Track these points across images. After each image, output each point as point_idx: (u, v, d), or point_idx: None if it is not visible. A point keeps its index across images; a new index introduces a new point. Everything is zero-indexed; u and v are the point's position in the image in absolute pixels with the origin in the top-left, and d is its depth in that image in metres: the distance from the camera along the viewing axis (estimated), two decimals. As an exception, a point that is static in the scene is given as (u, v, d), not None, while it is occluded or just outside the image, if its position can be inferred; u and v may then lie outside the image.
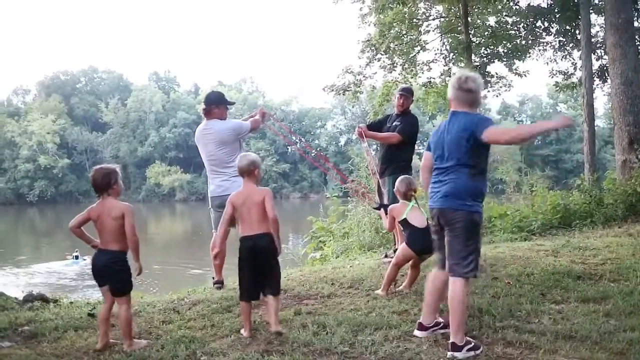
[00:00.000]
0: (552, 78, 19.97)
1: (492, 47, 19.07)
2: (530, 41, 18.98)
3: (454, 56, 19.53)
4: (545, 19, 18.29)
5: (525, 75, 19.81)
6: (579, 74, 17.62)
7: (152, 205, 65.13)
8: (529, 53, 19.25)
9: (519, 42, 18.92)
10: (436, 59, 19.88)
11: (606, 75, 15.69)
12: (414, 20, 18.69)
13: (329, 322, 4.05)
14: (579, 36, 15.81)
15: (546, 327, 3.86)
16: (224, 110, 5.68)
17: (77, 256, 18.90)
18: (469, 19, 17.56)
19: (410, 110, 6.62)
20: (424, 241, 4.40)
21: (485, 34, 19.01)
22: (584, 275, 5.38)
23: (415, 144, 6.61)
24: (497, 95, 20.73)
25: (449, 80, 3.94)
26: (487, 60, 19.30)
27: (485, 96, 21.34)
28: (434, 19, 19.64)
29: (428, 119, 57.80)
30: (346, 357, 3.47)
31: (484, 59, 19.29)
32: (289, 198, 71.10)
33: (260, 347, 3.65)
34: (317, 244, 10.67)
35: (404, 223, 4.89)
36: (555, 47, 19.04)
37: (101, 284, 3.74)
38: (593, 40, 16.03)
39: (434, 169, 3.74)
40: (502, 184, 12.28)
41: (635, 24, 13.88)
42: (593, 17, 16.04)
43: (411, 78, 19.62)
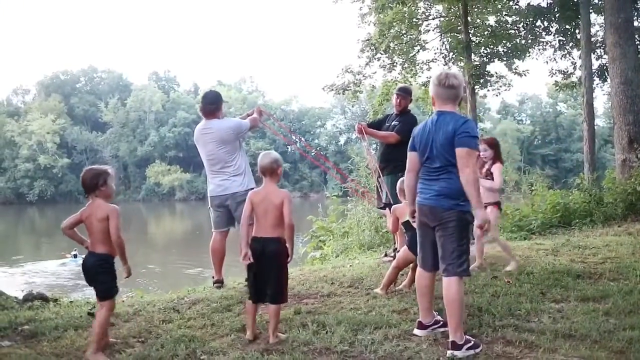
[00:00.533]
0: (552, 77, 20.03)
1: (492, 47, 19.10)
2: (530, 40, 18.99)
3: (454, 56, 19.54)
4: (545, 19, 18.29)
5: (525, 74, 19.85)
6: (578, 73, 17.65)
7: (152, 205, 65.16)
8: (529, 52, 19.27)
9: (518, 42, 18.94)
10: (436, 59, 19.93)
11: (606, 74, 15.70)
12: (414, 19, 18.71)
13: (329, 321, 4.05)
14: (578, 35, 15.83)
15: (546, 326, 3.86)
16: (222, 110, 5.68)
17: (76, 255, 18.86)
18: (468, 18, 17.58)
19: (409, 110, 6.62)
20: None
21: (485, 33, 19.03)
22: (584, 274, 5.38)
23: None
24: (497, 95, 20.78)
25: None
26: (487, 60, 19.32)
27: (485, 95, 21.37)
28: (433, 19, 19.66)
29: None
30: (346, 356, 3.46)
31: (484, 58, 19.31)
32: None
33: (260, 346, 3.65)
34: (317, 243, 10.68)
35: (407, 225, 4.80)
36: (555, 47, 19.06)
37: (92, 286, 3.67)
38: (593, 39, 16.03)
39: (423, 168, 3.69)
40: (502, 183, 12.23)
41: (635, 24, 13.89)
42: (593, 17, 16.05)
43: (411, 77, 19.64)
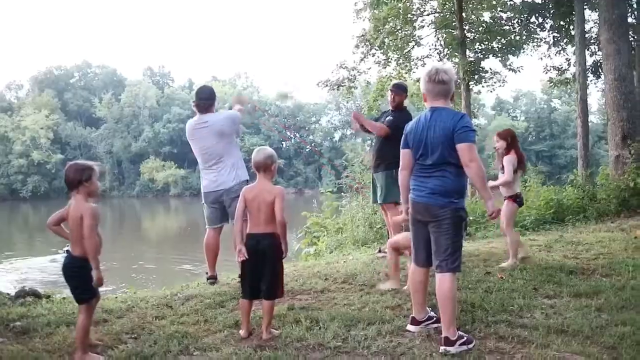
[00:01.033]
0: (546, 74, 20.06)
1: (487, 43, 19.10)
2: (524, 37, 19.01)
3: (449, 52, 19.54)
4: (540, 15, 18.31)
5: (519, 70, 19.87)
6: (572, 69, 17.67)
7: (147, 201, 65.00)
8: (523, 49, 19.29)
9: (513, 38, 18.94)
10: (431, 55, 19.91)
11: (600, 71, 15.75)
12: (409, 15, 18.67)
13: (322, 317, 4.05)
14: (573, 32, 15.86)
15: (538, 322, 3.88)
16: (214, 105, 5.70)
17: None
18: (463, 14, 17.55)
19: (405, 106, 6.61)
20: None
21: (480, 29, 19.03)
22: (577, 270, 5.40)
23: None
24: (492, 91, 20.82)
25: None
26: (482, 56, 19.31)
27: (479, 91, 21.37)
28: (428, 15, 19.63)
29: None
30: (339, 352, 3.47)
31: (479, 54, 19.30)
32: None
33: (253, 342, 3.65)
34: (311, 239, 10.69)
35: None
36: (550, 43, 19.09)
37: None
38: (587, 36, 16.08)
39: (417, 165, 3.67)
40: (496, 179, 12.25)
41: (629, 20, 13.93)
42: (587, 13, 16.10)
43: (405, 73, 19.63)
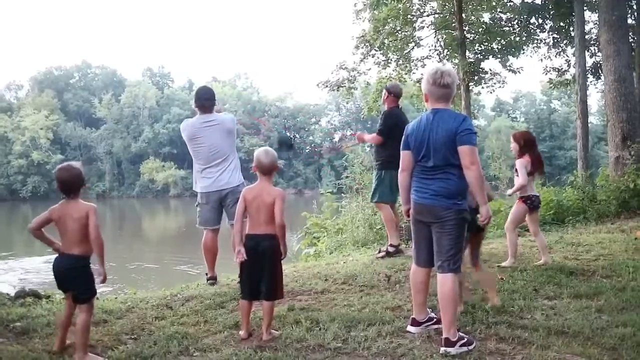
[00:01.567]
0: (546, 75, 20.03)
1: (486, 44, 19.10)
2: (524, 38, 19.00)
3: (448, 52, 19.55)
4: (540, 16, 18.30)
5: (519, 71, 19.86)
6: (572, 70, 17.67)
7: (146, 201, 64.97)
8: (523, 50, 19.27)
9: (513, 39, 18.94)
10: (430, 55, 19.91)
11: (600, 72, 15.74)
12: (408, 16, 18.68)
13: (322, 318, 4.05)
14: (572, 33, 15.84)
15: (539, 323, 3.87)
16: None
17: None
18: (463, 15, 17.56)
19: (395, 106, 6.66)
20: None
21: (480, 30, 19.04)
22: (577, 271, 5.40)
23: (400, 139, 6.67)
24: (491, 92, 20.81)
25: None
26: (481, 57, 19.30)
27: (479, 92, 21.37)
28: (428, 15, 19.65)
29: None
30: (339, 353, 3.46)
31: (478, 55, 19.30)
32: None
33: (253, 343, 3.65)
34: (311, 240, 10.66)
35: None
36: (549, 44, 19.07)
37: (63, 290, 3.56)
38: (587, 37, 16.07)
39: (417, 167, 3.66)
40: (496, 180, 12.27)
41: (629, 21, 13.93)
42: (587, 14, 16.09)
43: (405, 74, 19.63)
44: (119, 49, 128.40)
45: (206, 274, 5.60)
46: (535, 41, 19.27)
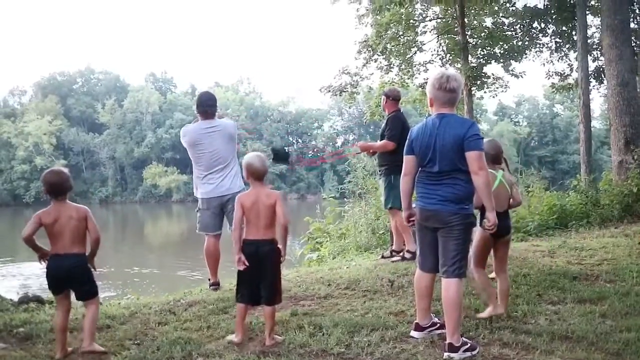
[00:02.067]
0: (549, 79, 20.01)
1: (489, 48, 19.08)
2: (526, 42, 19.00)
3: (451, 57, 19.53)
4: (542, 20, 18.30)
5: (521, 76, 19.84)
6: (575, 75, 17.65)
7: (149, 206, 65.06)
8: (526, 54, 19.26)
9: (515, 43, 18.94)
10: (433, 60, 19.89)
11: (602, 76, 15.71)
12: (411, 21, 18.69)
13: (326, 323, 4.04)
14: (575, 37, 15.82)
15: (542, 328, 3.86)
16: None
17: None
18: (465, 20, 17.56)
19: (396, 110, 6.52)
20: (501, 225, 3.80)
21: (482, 35, 19.02)
22: (580, 276, 5.38)
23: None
24: (494, 96, 20.75)
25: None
26: (484, 61, 19.30)
27: (481, 97, 21.37)
28: (430, 20, 19.64)
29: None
30: (342, 359, 3.46)
31: (481, 60, 19.30)
32: (286, 199, 71.09)
33: (256, 349, 3.64)
34: (314, 245, 10.65)
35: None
36: (552, 48, 19.06)
37: (61, 291, 3.63)
38: (589, 41, 16.07)
39: (422, 172, 3.66)
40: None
41: (632, 25, 13.91)
42: (589, 19, 16.06)
43: (408, 79, 19.64)
44: (122, 54, 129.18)
45: (209, 280, 5.60)
46: (538, 45, 19.28)
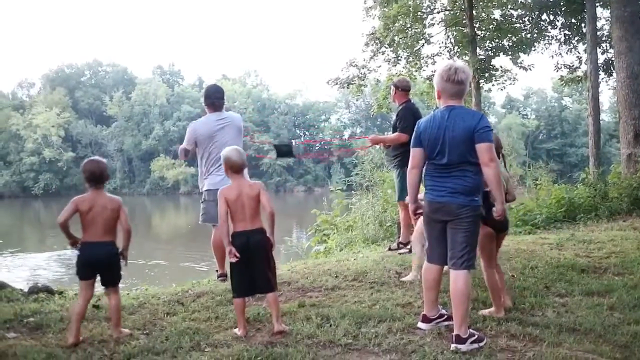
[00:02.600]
0: (558, 72, 19.88)
1: (497, 41, 19.00)
2: (535, 34, 18.88)
3: (459, 49, 19.45)
4: (551, 12, 18.19)
5: (530, 68, 19.73)
6: (584, 67, 17.53)
7: (157, 199, 65.28)
8: (534, 46, 19.16)
9: (524, 36, 18.83)
10: (441, 52, 19.81)
11: (612, 68, 15.60)
12: (419, 13, 18.60)
13: (333, 315, 4.05)
14: (584, 29, 15.72)
15: (550, 320, 3.86)
16: None
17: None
18: (473, 12, 17.48)
19: (406, 101, 6.54)
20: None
21: (490, 27, 18.93)
22: (588, 269, 5.38)
23: None
24: (502, 89, 20.69)
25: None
26: (492, 54, 19.22)
27: (489, 89, 21.29)
28: (438, 12, 19.57)
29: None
30: (350, 349, 3.47)
31: (489, 52, 19.21)
32: (293, 192, 71.13)
33: (264, 339, 3.66)
34: (321, 237, 10.68)
35: (485, 194, 3.78)
36: (561, 41, 18.94)
37: (91, 276, 3.73)
38: (598, 33, 15.96)
39: (430, 165, 3.65)
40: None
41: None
42: (599, 11, 15.95)
43: (415, 71, 19.56)
44: (130, 47, 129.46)
45: (217, 271, 5.63)
46: (547, 38, 19.16)
